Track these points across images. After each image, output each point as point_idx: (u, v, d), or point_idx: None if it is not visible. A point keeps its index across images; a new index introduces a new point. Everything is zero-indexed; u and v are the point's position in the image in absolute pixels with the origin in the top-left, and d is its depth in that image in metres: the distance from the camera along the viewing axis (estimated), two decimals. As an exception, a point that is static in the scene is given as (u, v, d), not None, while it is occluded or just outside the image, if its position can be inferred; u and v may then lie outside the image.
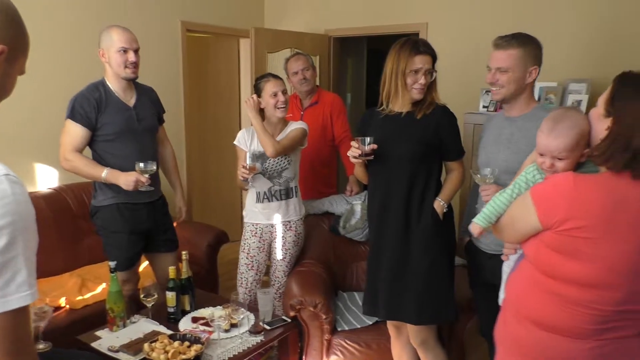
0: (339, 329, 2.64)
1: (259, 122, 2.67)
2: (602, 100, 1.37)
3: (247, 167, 2.55)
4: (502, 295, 1.82)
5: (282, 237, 2.84)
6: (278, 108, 2.70)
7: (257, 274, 2.86)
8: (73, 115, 2.48)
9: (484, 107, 3.61)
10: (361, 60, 6.23)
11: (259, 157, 2.72)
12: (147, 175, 2.46)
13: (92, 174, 2.51)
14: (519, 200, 1.53)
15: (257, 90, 2.76)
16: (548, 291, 1.41)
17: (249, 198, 2.85)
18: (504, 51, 2.03)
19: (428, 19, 4.14)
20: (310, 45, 4.50)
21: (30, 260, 0.89)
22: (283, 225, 2.82)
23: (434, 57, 2.19)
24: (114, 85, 2.57)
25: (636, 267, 1.29)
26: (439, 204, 2.21)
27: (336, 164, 3.61)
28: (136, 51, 2.54)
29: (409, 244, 2.21)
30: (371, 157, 2.15)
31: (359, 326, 2.65)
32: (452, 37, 4.03)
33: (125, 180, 2.44)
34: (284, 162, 2.76)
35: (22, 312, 0.88)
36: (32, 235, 0.91)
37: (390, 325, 2.43)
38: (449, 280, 2.24)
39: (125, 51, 2.49)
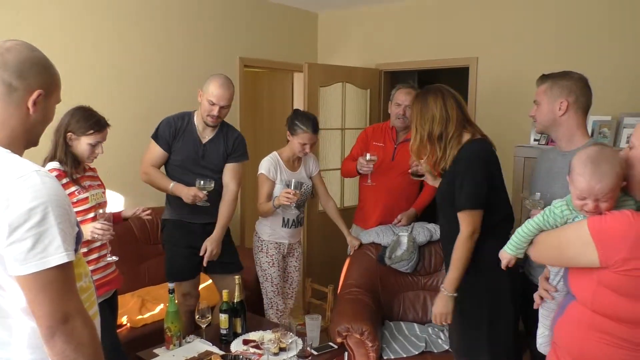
0: (385, 358, 2.66)
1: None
2: None
3: (293, 193, 2.78)
4: (540, 340, 1.80)
5: (295, 255, 3.24)
6: (302, 153, 2.98)
7: (283, 281, 3.23)
8: (156, 136, 2.85)
9: (535, 140, 3.60)
10: (412, 92, 6.30)
11: (296, 186, 2.89)
12: (205, 192, 2.69)
13: (163, 184, 2.82)
14: (573, 229, 1.48)
15: (291, 128, 2.96)
16: (613, 335, 1.35)
17: (274, 221, 3.06)
18: (538, 87, 2.14)
19: (478, 54, 4.20)
20: (362, 79, 4.63)
21: (64, 231, 1.09)
22: (295, 245, 3.21)
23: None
24: (198, 120, 2.86)
25: None
26: (442, 295, 2.13)
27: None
28: (223, 107, 2.76)
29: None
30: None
31: (404, 355, 2.67)
32: (503, 70, 4.06)
33: (186, 193, 2.71)
34: (307, 193, 3.11)
35: (62, 269, 1.08)
36: (63, 212, 1.11)
37: None
38: (487, 326, 2.11)
39: (212, 104, 2.73)
